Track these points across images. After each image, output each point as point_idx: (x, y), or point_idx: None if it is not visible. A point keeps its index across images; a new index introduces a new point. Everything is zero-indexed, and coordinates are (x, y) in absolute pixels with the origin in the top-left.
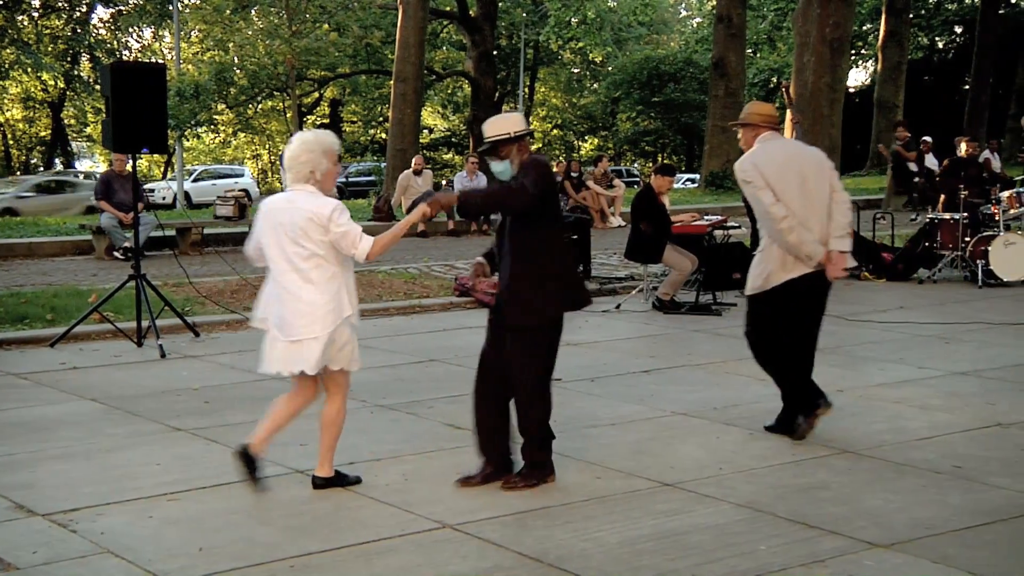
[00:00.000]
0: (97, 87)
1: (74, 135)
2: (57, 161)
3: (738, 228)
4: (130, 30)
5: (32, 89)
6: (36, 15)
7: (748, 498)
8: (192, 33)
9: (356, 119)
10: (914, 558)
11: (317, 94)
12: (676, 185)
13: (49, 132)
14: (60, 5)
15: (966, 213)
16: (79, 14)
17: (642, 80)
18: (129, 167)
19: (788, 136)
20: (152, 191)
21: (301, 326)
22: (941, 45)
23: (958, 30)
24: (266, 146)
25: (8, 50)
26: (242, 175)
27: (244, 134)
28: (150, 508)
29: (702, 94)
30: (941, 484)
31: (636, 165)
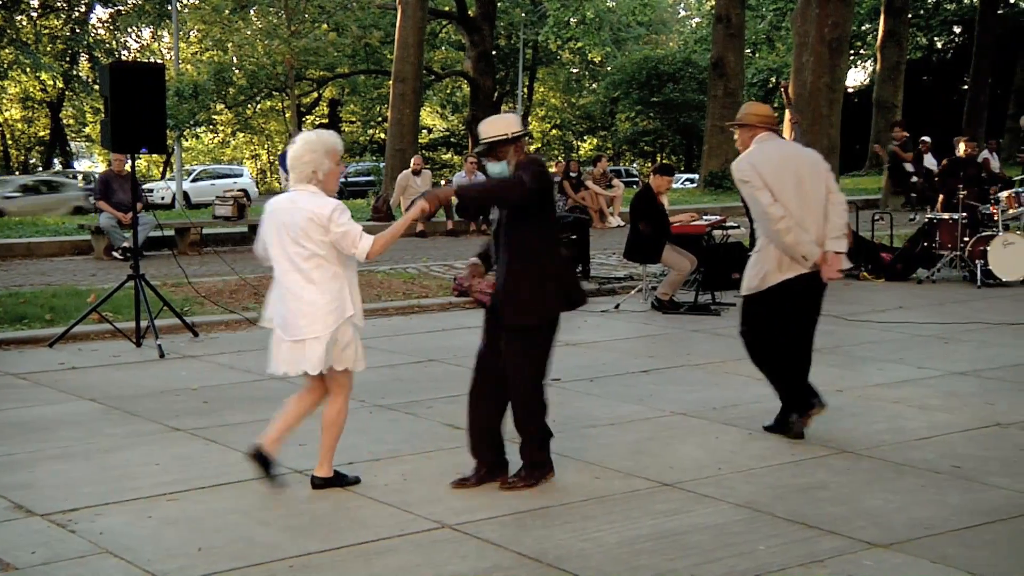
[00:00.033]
0: (96, 87)
1: (73, 135)
2: (56, 161)
3: (737, 228)
4: (129, 30)
5: (31, 89)
6: (35, 15)
7: (747, 498)
8: (191, 33)
9: (355, 119)
10: (913, 558)
11: (316, 94)
12: (675, 185)
13: (48, 132)
14: (59, 5)
15: (965, 213)
16: (78, 14)
17: (641, 80)
18: (128, 167)
19: (788, 136)
20: (151, 191)
21: (302, 326)
22: (940, 45)
23: (957, 30)
24: (265, 146)
25: (7, 50)
26: (241, 175)
27: (243, 134)
28: (149, 508)
29: (701, 94)
30: (940, 484)
31: (635, 165)
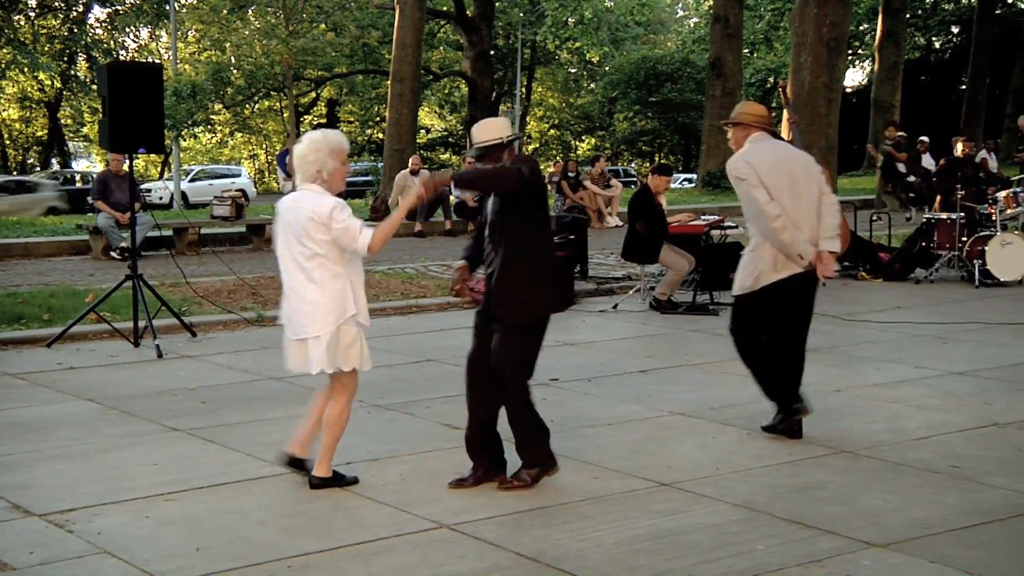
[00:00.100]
0: (94, 87)
1: (71, 135)
2: (54, 161)
3: (735, 228)
4: (127, 30)
5: (29, 89)
6: (33, 15)
7: (745, 498)
8: (189, 33)
9: (353, 119)
10: (911, 558)
11: (314, 94)
12: (673, 185)
13: (46, 132)
14: (57, 5)
15: (963, 213)
16: (76, 14)
17: (639, 80)
18: (126, 167)
19: (786, 136)
20: (149, 191)
21: (304, 325)
22: (938, 45)
23: (955, 30)
24: (263, 146)
25: (4, 50)
26: (239, 175)
27: (241, 134)
28: (147, 508)
29: (699, 94)
30: (938, 484)
31: (633, 165)
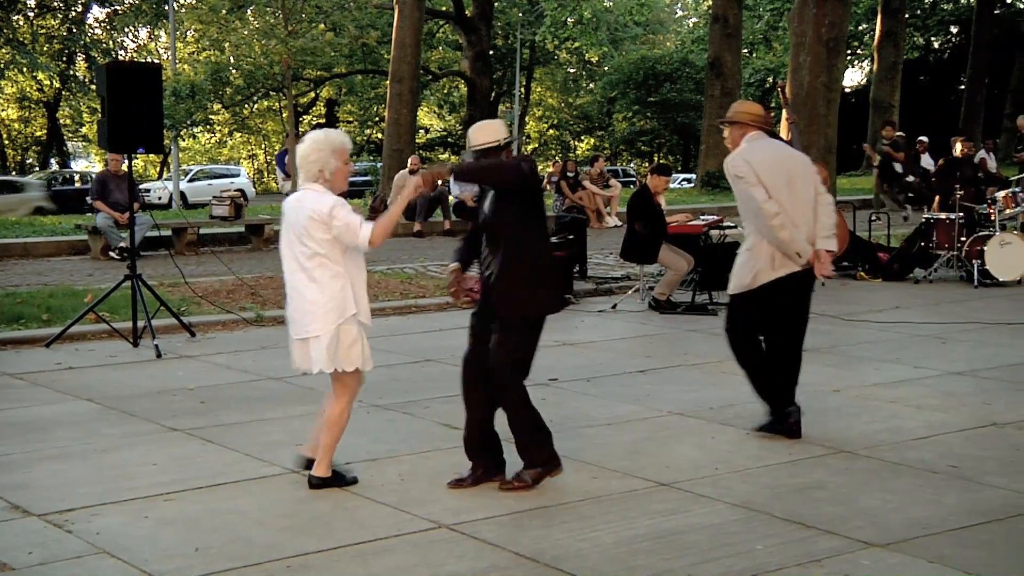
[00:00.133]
0: (93, 87)
1: (70, 135)
2: (53, 161)
3: (734, 228)
4: (126, 30)
5: (28, 89)
6: (32, 15)
7: (744, 498)
8: (188, 33)
9: (352, 119)
10: (910, 558)
11: (313, 94)
12: (672, 185)
13: (44, 132)
14: (56, 5)
15: (962, 213)
16: (75, 14)
17: (638, 80)
18: (125, 167)
19: (785, 136)
20: (148, 191)
21: (304, 324)
22: (937, 45)
23: (954, 30)
24: (262, 146)
25: (3, 50)
26: (238, 175)
27: (240, 134)
28: (146, 508)
29: (698, 94)
30: (937, 484)
31: (632, 165)
